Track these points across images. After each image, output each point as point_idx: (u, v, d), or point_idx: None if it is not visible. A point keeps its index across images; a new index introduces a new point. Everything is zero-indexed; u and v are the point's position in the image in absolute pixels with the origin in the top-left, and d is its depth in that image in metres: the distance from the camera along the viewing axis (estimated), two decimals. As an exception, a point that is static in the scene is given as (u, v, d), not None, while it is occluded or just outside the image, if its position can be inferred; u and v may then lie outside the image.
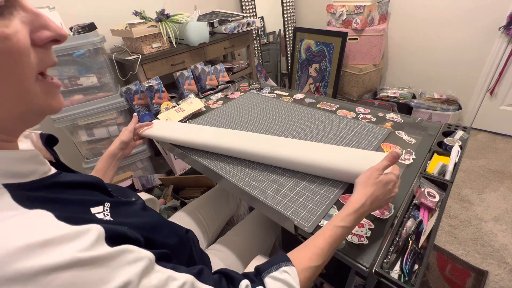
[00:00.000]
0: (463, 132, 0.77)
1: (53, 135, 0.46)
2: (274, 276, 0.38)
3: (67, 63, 1.34)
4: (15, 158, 0.30)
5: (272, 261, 0.40)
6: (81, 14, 1.55)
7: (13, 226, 0.24)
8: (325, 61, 2.21)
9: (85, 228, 0.27)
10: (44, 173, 0.34)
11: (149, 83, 1.55)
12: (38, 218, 0.26)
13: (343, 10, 2.05)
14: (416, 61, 2.14)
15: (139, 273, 0.28)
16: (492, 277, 1.09)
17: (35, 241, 0.23)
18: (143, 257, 0.30)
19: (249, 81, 1.36)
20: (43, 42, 0.29)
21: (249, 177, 0.70)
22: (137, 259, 0.29)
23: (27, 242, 0.23)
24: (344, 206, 0.48)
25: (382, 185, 0.49)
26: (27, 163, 0.32)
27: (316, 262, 0.41)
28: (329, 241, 0.43)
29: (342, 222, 0.45)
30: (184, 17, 1.60)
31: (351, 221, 0.45)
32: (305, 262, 0.41)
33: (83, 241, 0.26)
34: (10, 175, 0.29)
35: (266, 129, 0.90)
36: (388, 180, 0.49)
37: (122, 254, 0.28)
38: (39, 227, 0.25)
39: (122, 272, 0.27)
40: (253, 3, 2.39)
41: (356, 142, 0.79)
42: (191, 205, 0.91)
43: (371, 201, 0.47)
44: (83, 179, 0.38)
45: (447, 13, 1.85)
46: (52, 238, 0.25)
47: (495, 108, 1.90)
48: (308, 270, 0.40)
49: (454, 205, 1.43)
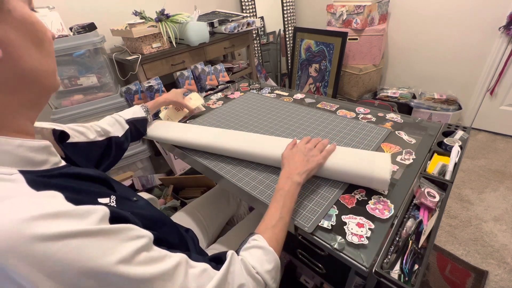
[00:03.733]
0: (463, 132, 0.77)
1: (66, 131, 0.48)
2: (246, 247, 0.46)
3: (67, 63, 1.34)
4: (31, 146, 0.33)
5: (244, 240, 0.49)
6: (81, 14, 1.55)
7: (27, 201, 0.27)
8: (325, 61, 2.21)
9: (92, 208, 0.30)
10: (55, 163, 0.37)
11: (149, 83, 1.55)
12: (49, 197, 0.29)
13: (343, 10, 2.05)
14: (416, 61, 2.14)
15: (140, 248, 0.31)
16: (492, 277, 1.09)
17: (47, 212, 0.26)
18: (144, 235, 0.33)
19: (249, 81, 1.36)
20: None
21: (249, 177, 0.70)
22: (138, 236, 0.32)
23: (41, 212, 0.26)
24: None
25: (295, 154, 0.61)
26: (41, 153, 0.35)
27: (270, 222, 0.51)
28: (277, 205, 0.52)
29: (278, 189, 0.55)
30: (184, 17, 1.60)
31: (288, 184, 0.55)
32: (264, 227, 0.50)
33: (90, 218, 0.29)
34: (26, 163, 0.32)
35: (266, 129, 0.90)
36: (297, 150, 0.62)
37: (125, 230, 0.31)
38: (50, 203, 0.28)
39: (125, 245, 0.30)
40: (253, 3, 2.39)
41: (356, 142, 0.79)
42: (191, 205, 0.91)
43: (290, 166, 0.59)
44: (91, 173, 0.40)
45: (447, 13, 1.85)
46: (63, 211, 0.28)
47: (495, 108, 1.90)
48: (268, 230, 0.49)
49: (454, 205, 1.43)
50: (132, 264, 0.29)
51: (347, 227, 0.54)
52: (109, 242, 0.29)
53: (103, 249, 0.28)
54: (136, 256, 0.30)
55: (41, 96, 0.37)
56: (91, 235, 0.28)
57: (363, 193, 0.61)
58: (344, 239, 0.51)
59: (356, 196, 0.61)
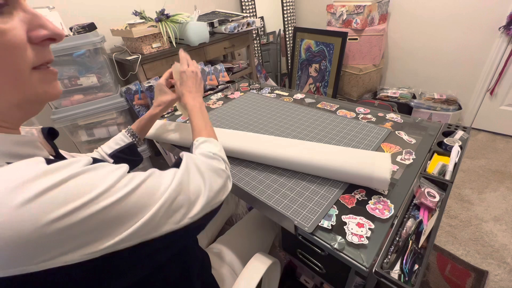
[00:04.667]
0: (463, 132, 0.77)
1: (54, 128, 0.48)
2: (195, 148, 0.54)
3: (67, 63, 1.34)
4: (16, 141, 0.33)
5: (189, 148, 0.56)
6: (81, 14, 1.55)
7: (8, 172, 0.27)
8: (325, 61, 2.21)
9: (75, 159, 0.32)
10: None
11: (149, 83, 1.55)
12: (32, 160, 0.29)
13: (343, 10, 2.05)
14: (416, 61, 2.14)
15: (121, 175, 0.33)
16: (492, 277, 1.09)
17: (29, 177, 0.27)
18: (122, 165, 0.36)
19: (249, 81, 1.36)
20: (40, 40, 0.32)
21: (249, 177, 0.70)
22: (118, 167, 0.35)
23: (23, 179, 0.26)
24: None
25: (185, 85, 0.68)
26: (26, 147, 0.35)
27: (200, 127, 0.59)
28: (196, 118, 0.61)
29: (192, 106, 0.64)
30: (184, 17, 1.60)
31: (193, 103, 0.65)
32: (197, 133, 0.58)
33: (76, 165, 0.30)
34: (12, 156, 0.32)
35: (266, 129, 0.90)
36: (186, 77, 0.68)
37: (106, 165, 0.34)
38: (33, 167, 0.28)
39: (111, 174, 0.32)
40: (253, 3, 2.39)
41: (356, 142, 0.79)
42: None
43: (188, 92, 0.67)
44: None
45: (447, 13, 1.85)
46: (46, 169, 0.28)
47: (495, 108, 1.90)
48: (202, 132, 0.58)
49: (454, 205, 1.43)
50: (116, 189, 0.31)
51: (347, 227, 0.54)
52: (95, 174, 0.31)
53: (100, 179, 0.31)
54: (122, 179, 0.33)
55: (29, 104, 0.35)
56: (78, 174, 0.29)
57: (363, 193, 0.61)
58: (344, 239, 0.51)
59: (356, 196, 0.61)
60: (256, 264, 0.62)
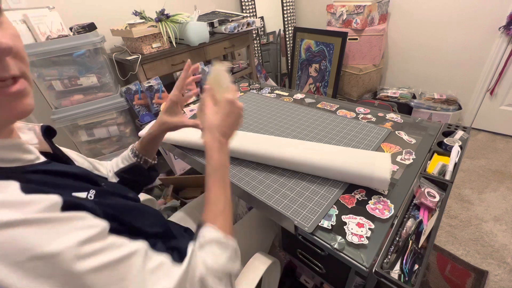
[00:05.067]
0: (463, 132, 0.77)
1: (51, 127, 0.47)
2: (201, 243, 0.41)
3: (67, 63, 1.34)
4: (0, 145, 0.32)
5: (196, 231, 0.44)
6: (81, 14, 1.55)
7: None
8: (325, 61, 2.21)
9: (42, 197, 0.28)
10: (29, 161, 0.36)
11: (149, 83, 1.55)
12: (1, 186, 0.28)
13: (343, 10, 2.05)
14: (416, 61, 2.14)
15: (88, 238, 0.29)
16: (492, 277, 1.09)
17: None
18: (94, 225, 0.31)
19: (249, 81, 1.36)
20: None
21: (249, 177, 0.70)
22: (88, 226, 0.30)
23: None
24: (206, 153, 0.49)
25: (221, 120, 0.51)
26: (10, 151, 0.33)
27: (218, 207, 0.45)
28: (215, 189, 0.46)
29: (214, 170, 0.47)
30: (184, 17, 1.60)
31: (219, 161, 0.48)
32: (212, 215, 0.44)
33: (34, 206, 0.27)
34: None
35: (266, 129, 0.90)
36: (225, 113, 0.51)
37: (71, 220, 0.29)
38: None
39: (72, 234, 0.28)
40: (253, 3, 2.39)
41: (356, 142, 0.78)
42: (190, 205, 0.91)
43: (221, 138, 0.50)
44: (72, 170, 0.39)
45: (447, 13, 1.85)
46: (7, 201, 0.26)
47: (495, 108, 1.90)
48: (219, 217, 0.44)
49: (454, 205, 1.43)
50: (77, 255, 0.27)
51: (347, 227, 0.54)
52: (48, 231, 0.27)
53: (43, 238, 0.26)
54: (83, 246, 0.28)
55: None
56: (27, 224, 0.26)
57: (363, 193, 0.61)
58: (344, 239, 0.51)
59: (356, 196, 0.61)
60: (256, 264, 0.62)
